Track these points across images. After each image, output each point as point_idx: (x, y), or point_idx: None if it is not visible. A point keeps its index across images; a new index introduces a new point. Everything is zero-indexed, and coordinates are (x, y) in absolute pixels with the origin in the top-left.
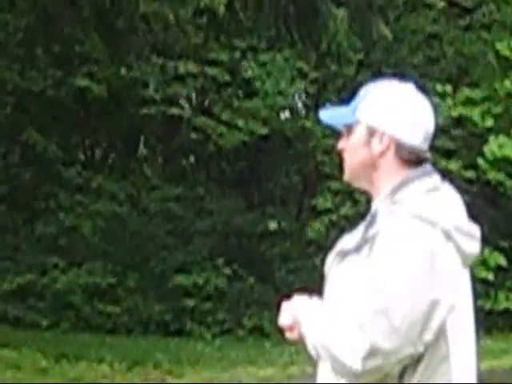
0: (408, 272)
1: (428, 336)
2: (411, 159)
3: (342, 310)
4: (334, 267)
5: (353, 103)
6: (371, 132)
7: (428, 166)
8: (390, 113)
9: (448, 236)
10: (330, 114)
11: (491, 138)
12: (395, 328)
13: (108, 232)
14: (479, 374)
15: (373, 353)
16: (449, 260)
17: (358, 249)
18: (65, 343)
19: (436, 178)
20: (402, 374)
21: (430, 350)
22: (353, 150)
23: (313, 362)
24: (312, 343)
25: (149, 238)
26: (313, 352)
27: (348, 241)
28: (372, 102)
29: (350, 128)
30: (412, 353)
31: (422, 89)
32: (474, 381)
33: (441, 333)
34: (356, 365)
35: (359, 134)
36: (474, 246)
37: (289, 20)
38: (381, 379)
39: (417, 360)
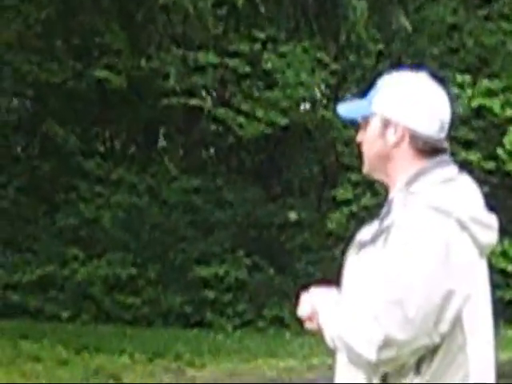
0: (423, 263)
1: (444, 326)
2: (426, 149)
3: (358, 301)
4: (351, 258)
5: (369, 94)
6: (386, 123)
7: (444, 157)
8: (403, 103)
9: (463, 226)
10: (347, 108)
11: (511, 128)
12: (409, 319)
13: (128, 223)
14: (499, 364)
15: (387, 344)
16: (464, 250)
17: (373, 240)
18: (85, 335)
19: (452, 168)
20: (418, 364)
21: (447, 340)
22: (369, 142)
23: (333, 353)
24: (329, 334)
25: (169, 230)
26: (330, 343)
27: (366, 232)
28: (385, 94)
29: (366, 120)
30: (427, 343)
31: (442, 79)
32: (492, 371)
33: (457, 323)
34: (371, 355)
35: (374, 125)
36: (490, 236)
37: (308, 11)
38: (397, 369)
39: (433, 350)
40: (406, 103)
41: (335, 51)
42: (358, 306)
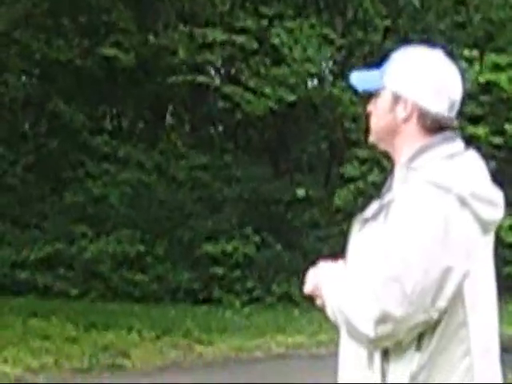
0: (420, 239)
1: (442, 303)
2: (434, 126)
3: (358, 277)
4: (354, 234)
5: (383, 67)
6: (396, 98)
7: (450, 132)
8: (414, 80)
9: (463, 202)
10: (360, 77)
11: None
12: (407, 295)
13: (136, 200)
14: (505, 339)
15: (383, 319)
16: (463, 227)
17: (375, 216)
18: (94, 312)
19: (458, 144)
20: (419, 340)
21: (447, 316)
22: (378, 115)
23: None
24: (331, 307)
25: (177, 207)
26: (331, 316)
27: (370, 208)
28: (398, 69)
29: (377, 92)
30: (426, 319)
31: (449, 54)
32: (495, 346)
33: (458, 299)
34: (368, 331)
35: (385, 99)
36: (494, 213)
37: None
38: (397, 344)
39: (434, 326)
40: (417, 80)
41: (342, 27)
42: (357, 281)
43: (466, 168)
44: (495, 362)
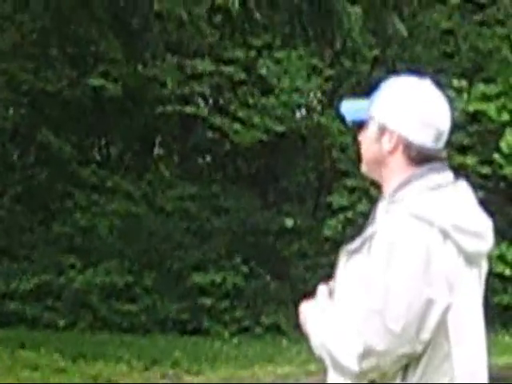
0: (403, 271)
1: (425, 335)
2: (420, 158)
3: (341, 310)
4: (341, 266)
5: (371, 97)
6: (382, 129)
7: (437, 163)
8: (399, 111)
9: (446, 235)
10: (349, 107)
11: (507, 133)
12: (390, 329)
13: (124, 231)
14: (497, 369)
15: (367, 354)
16: (446, 259)
17: (358, 248)
18: (82, 343)
19: (444, 175)
20: (404, 372)
21: (431, 348)
22: (366, 145)
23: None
24: (314, 342)
25: (165, 237)
26: (315, 351)
27: (356, 240)
28: (384, 99)
29: (366, 122)
30: (410, 352)
31: (438, 84)
32: (481, 378)
33: (442, 332)
34: (353, 366)
35: (371, 130)
36: (478, 245)
37: (303, 17)
38: (382, 376)
39: (418, 358)
40: (402, 111)
41: (331, 57)
42: (341, 316)
43: (450, 200)
44: None
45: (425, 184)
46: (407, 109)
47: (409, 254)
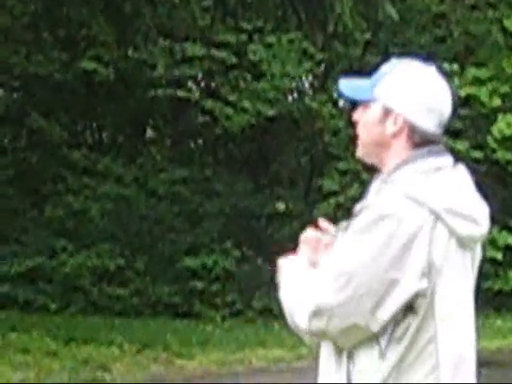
0: (376, 246)
1: (382, 314)
2: (422, 142)
3: (312, 272)
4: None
5: (373, 78)
6: (386, 112)
7: (436, 147)
8: (407, 95)
9: (437, 217)
10: (349, 86)
11: (499, 117)
12: (344, 288)
13: (116, 215)
14: (487, 353)
15: (317, 313)
16: (434, 242)
17: (347, 226)
18: (74, 326)
19: (444, 158)
20: (382, 353)
21: (415, 329)
22: (367, 127)
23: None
24: (280, 296)
25: (157, 221)
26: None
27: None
28: (391, 82)
29: (366, 103)
30: (362, 326)
31: (441, 71)
32: (469, 361)
33: (429, 314)
34: (303, 323)
35: (375, 111)
36: (473, 229)
37: (295, 1)
38: (363, 353)
39: (398, 339)
40: (410, 95)
41: (322, 41)
42: (307, 275)
43: (446, 183)
44: (467, 378)
45: (422, 166)
46: (415, 93)
47: (390, 230)
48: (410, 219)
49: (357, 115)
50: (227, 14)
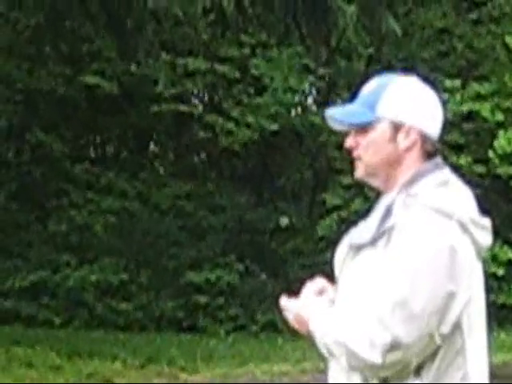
0: (428, 263)
1: (445, 328)
2: (432, 151)
3: (360, 304)
4: (348, 261)
5: (363, 100)
6: (396, 127)
7: (439, 160)
8: (413, 106)
9: (464, 228)
10: (342, 113)
11: (501, 132)
12: (415, 316)
13: (119, 229)
14: (492, 367)
15: (394, 346)
16: (466, 252)
17: (373, 242)
18: (78, 341)
19: (446, 171)
20: (419, 367)
21: (446, 342)
22: (373, 148)
23: (325, 358)
24: (323, 341)
25: (160, 235)
26: (324, 350)
27: (359, 234)
28: (392, 98)
29: (364, 125)
30: (430, 345)
31: (433, 84)
32: (487, 373)
33: (457, 326)
34: (377, 359)
35: (381, 130)
36: (487, 238)
37: (298, 16)
38: (398, 373)
39: (433, 353)
40: (416, 106)
41: (326, 56)
42: (359, 309)
43: (459, 194)
44: None
45: (436, 179)
46: (420, 103)
47: (433, 248)
48: (445, 232)
49: (352, 141)
50: (229, 29)
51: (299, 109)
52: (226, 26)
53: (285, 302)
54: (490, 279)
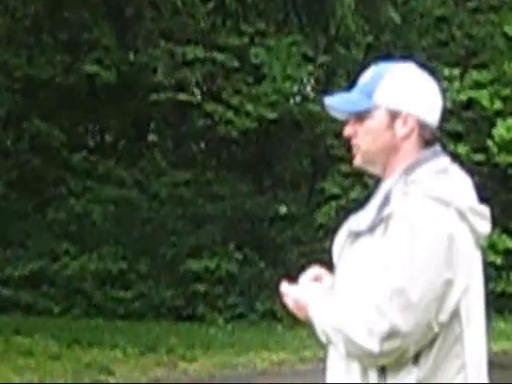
0: (425, 251)
1: (443, 316)
2: (430, 139)
3: (357, 292)
4: (346, 248)
5: (361, 88)
6: (394, 115)
7: (438, 147)
8: (411, 94)
9: (462, 216)
10: (340, 101)
11: (500, 120)
12: (413, 305)
13: (118, 217)
14: (491, 355)
15: (392, 334)
16: (464, 240)
17: (371, 229)
18: (77, 329)
19: (445, 159)
20: (417, 355)
21: (444, 330)
22: (371, 135)
23: (324, 346)
24: (321, 327)
25: (159, 223)
26: (322, 337)
27: (358, 221)
28: (391, 86)
29: (362, 114)
30: (428, 333)
31: (432, 71)
32: (485, 362)
33: (455, 314)
34: (374, 347)
35: (379, 118)
36: (485, 226)
37: (297, 4)
38: (396, 361)
39: (431, 341)
40: (414, 94)
41: (324, 44)
42: (357, 297)
43: (458, 182)
44: (485, 377)
45: (434, 166)
46: (418, 91)
47: (431, 235)
48: (443, 220)
49: (350, 129)
50: (228, 17)
51: (298, 97)
52: (225, 15)
53: (285, 287)
54: (489, 268)
